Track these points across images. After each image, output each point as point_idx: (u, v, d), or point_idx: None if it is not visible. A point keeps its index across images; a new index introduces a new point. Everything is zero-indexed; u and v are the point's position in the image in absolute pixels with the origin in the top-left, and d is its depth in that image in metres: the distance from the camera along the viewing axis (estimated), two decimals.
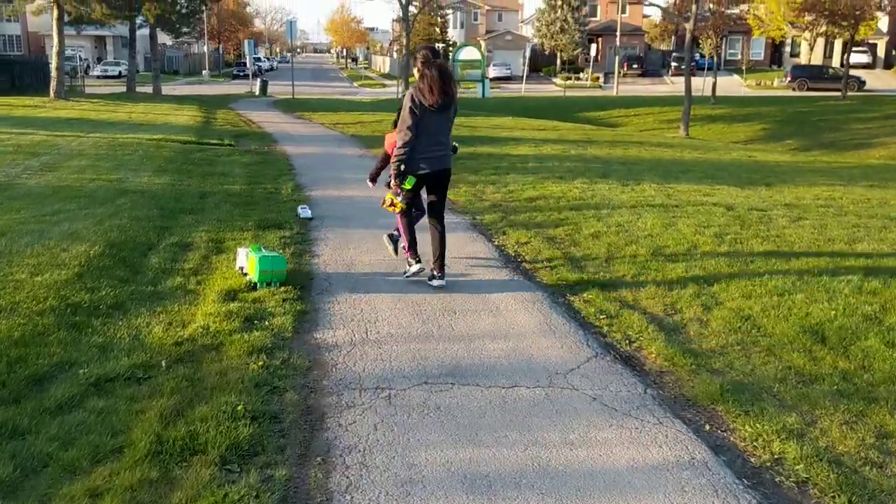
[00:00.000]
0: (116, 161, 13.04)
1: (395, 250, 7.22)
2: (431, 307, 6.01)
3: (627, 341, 5.47)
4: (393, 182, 6.41)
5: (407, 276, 6.76)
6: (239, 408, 4.11)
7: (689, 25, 25.49)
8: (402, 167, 6.31)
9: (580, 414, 4.28)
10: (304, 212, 9.34)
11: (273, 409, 4.19)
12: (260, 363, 4.74)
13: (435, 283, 6.55)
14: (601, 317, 5.96)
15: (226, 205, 9.68)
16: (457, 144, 6.88)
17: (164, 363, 4.67)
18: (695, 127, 28.59)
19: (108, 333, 5.12)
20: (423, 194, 6.83)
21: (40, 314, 5.33)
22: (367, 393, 4.44)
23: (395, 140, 6.49)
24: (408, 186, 6.40)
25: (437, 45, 61.90)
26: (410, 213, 6.77)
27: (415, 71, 6.47)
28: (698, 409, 4.47)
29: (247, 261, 6.47)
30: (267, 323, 5.46)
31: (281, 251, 7.41)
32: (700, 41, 42.25)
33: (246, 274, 6.46)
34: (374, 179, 7.40)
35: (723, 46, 51.08)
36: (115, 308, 5.63)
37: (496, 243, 8.35)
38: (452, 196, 11.00)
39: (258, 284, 6.21)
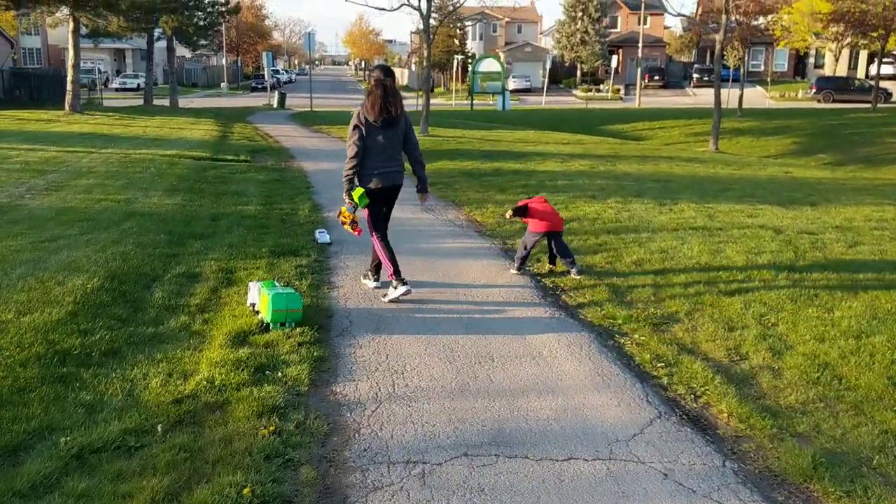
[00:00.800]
0: (126, 179, 12.45)
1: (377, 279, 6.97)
2: (465, 352, 5.33)
3: (693, 396, 4.76)
4: (345, 197, 6.44)
5: (388, 300, 6.51)
6: (245, 491, 3.44)
7: (718, 36, 24.65)
8: (356, 181, 6.42)
9: (652, 498, 3.58)
10: (322, 236, 8.70)
11: (286, 491, 3.52)
12: (271, 427, 4.07)
13: (370, 284, 6.86)
14: (658, 364, 5.25)
15: (239, 228, 9.05)
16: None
17: (159, 428, 4.01)
18: (722, 140, 27.74)
19: (98, 388, 4.46)
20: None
21: (23, 364, 4.68)
22: (397, 468, 3.76)
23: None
24: (356, 197, 6.37)
25: (455, 56, 61.37)
26: (385, 235, 6.72)
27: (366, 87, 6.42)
28: (790, 489, 3.75)
29: (259, 297, 5.82)
30: (280, 374, 4.79)
31: (297, 283, 6.76)
32: (725, 52, 41.39)
33: (258, 312, 5.81)
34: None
35: (746, 58, 50.12)
36: (110, 355, 4.98)
37: (531, 272, 7.65)
38: (480, 217, 10.35)
39: (271, 325, 5.55)
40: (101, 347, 5.03)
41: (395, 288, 6.46)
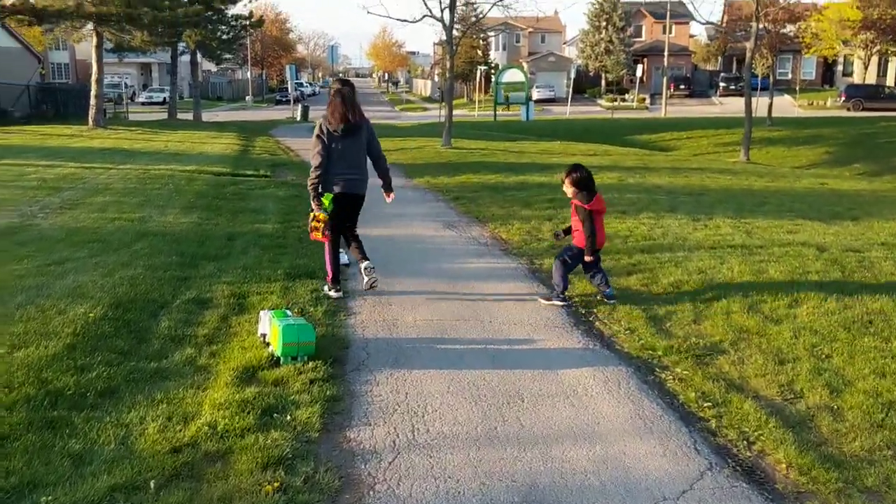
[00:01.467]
0: (143, 197, 12.15)
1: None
2: (492, 391, 4.88)
3: (745, 443, 4.28)
4: (313, 203, 6.74)
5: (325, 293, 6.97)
6: None
7: (749, 44, 24.04)
8: (319, 188, 6.71)
9: None
10: (342, 257, 8.30)
11: None
12: (276, 483, 3.64)
13: (367, 280, 6.83)
14: (705, 404, 4.77)
15: (255, 248, 8.68)
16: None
17: (152, 484, 3.60)
18: (752, 150, 27.05)
19: (89, 436, 4.06)
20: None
21: (10, 408, 4.29)
22: None
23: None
24: (326, 203, 6.73)
25: (478, 67, 61.05)
26: (337, 242, 7.01)
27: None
28: None
29: (270, 328, 5.41)
30: (289, 417, 4.36)
31: (312, 310, 6.37)
32: (754, 60, 40.75)
33: (268, 344, 5.40)
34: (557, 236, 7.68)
35: (774, 66, 49.35)
36: (106, 395, 4.58)
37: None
38: (505, 234, 9.92)
39: (282, 359, 5.14)
40: (97, 386, 4.64)
41: (333, 291, 6.91)
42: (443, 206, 12.41)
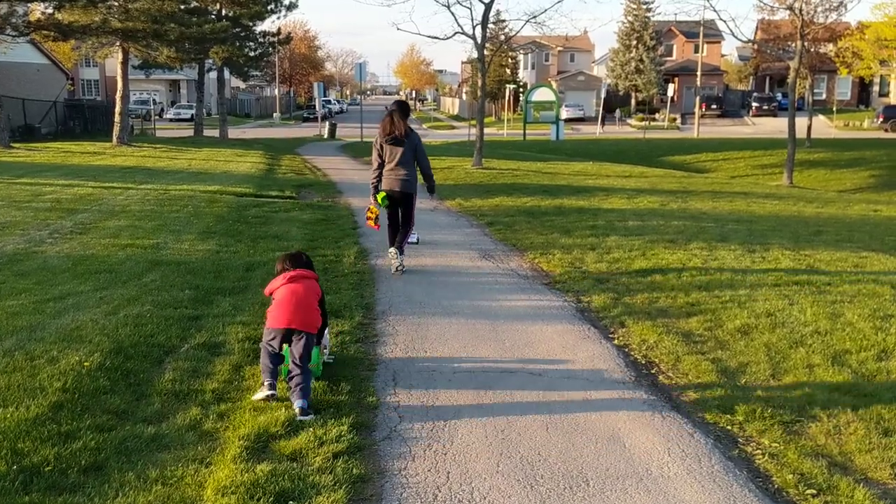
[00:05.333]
0: (160, 220, 11.49)
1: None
2: (550, 470, 4.08)
3: None
4: (371, 197, 8.69)
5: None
6: None
7: (793, 63, 23.15)
8: (377, 186, 8.60)
9: None
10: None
11: None
12: None
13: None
14: (807, 491, 3.94)
15: None
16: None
17: None
18: (793, 173, 26.10)
19: None
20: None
21: None
22: None
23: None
24: (380, 199, 8.51)
25: (507, 85, 60.40)
26: (395, 227, 8.66)
27: None
28: None
29: None
30: None
31: (334, 355, 5.64)
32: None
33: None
34: None
35: (810, 85, 48.19)
36: (91, 472, 3.84)
37: (616, 342, 6.38)
38: (546, 265, 9.14)
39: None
40: (81, 461, 3.90)
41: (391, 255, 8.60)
42: (477, 233, 11.65)
